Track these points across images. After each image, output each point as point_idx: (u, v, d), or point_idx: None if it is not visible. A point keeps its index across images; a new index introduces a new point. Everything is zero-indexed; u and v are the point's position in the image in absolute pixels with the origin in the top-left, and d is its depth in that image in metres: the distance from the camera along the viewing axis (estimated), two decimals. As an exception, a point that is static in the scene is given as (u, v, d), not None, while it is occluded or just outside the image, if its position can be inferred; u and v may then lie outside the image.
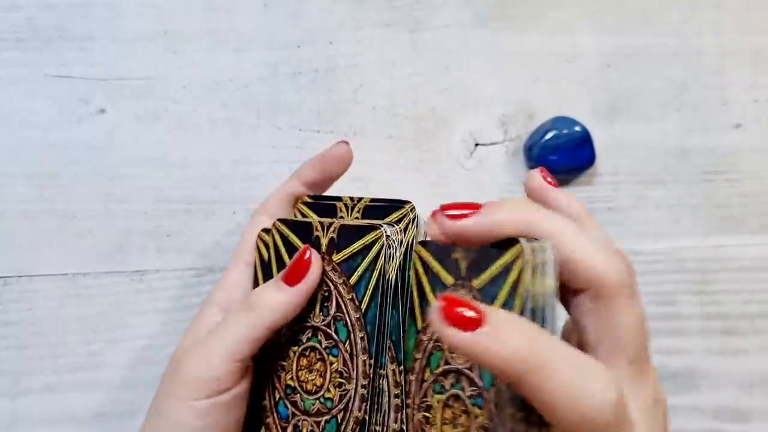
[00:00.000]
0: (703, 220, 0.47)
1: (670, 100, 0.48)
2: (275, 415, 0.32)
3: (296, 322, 0.31)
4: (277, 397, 0.32)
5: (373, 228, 0.30)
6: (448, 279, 0.27)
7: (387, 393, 0.29)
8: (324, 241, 0.31)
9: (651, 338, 0.26)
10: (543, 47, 0.48)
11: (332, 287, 0.31)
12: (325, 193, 0.37)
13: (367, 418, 0.29)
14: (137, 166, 0.45)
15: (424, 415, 0.27)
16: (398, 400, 0.28)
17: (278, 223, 0.33)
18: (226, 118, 0.46)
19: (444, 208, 0.27)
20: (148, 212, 0.44)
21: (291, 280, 0.30)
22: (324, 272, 0.31)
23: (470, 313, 0.22)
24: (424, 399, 0.27)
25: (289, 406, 0.31)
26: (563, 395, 0.21)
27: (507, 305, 0.25)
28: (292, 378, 0.31)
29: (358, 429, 0.29)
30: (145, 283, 0.44)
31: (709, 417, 0.45)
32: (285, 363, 0.32)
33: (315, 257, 0.31)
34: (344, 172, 0.36)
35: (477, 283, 0.26)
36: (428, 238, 0.28)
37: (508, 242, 0.25)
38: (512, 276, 0.25)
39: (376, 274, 0.30)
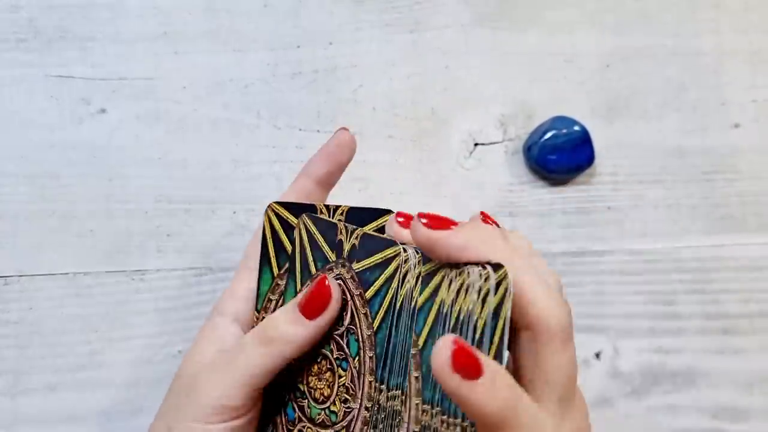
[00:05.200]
0: (702, 219, 0.47)
1: (669, 100, 0.48)
2: (283, 415, 0.32)
3: None
4: (286, 398, 0.31)
5: (394, 243, 0.29)
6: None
7: (404, 423, 0.28)
8: (346, 247, 0.30)
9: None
10: (542, 47, 0.48)
11: (349, 297, 0.30)
12: (325, 195, 0.36)
13: None
14: (138, 166, 0.45)
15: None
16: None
17: (304, 217, 0.32)
18: (226, 118, 0.46)
19: (421, 216, 0.27)
20: (148, 212, 0.44)
21: (310, 312, 0.29)
22: (343, 279, 0.30)
23: (473, 362, 0.23)
24: None
25: (296, 409, 0.31)
26: None
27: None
28: (302, 382, 0.31)
29: None
30: (145, 283, 0.44)
31: (709, 416, 0.45)
32: (298, 364, 0.31)
33: (335, 289, 0.30)
34: (351, 159, 0.35)
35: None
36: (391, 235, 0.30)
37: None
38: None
39: (390, 293, 0.29)
